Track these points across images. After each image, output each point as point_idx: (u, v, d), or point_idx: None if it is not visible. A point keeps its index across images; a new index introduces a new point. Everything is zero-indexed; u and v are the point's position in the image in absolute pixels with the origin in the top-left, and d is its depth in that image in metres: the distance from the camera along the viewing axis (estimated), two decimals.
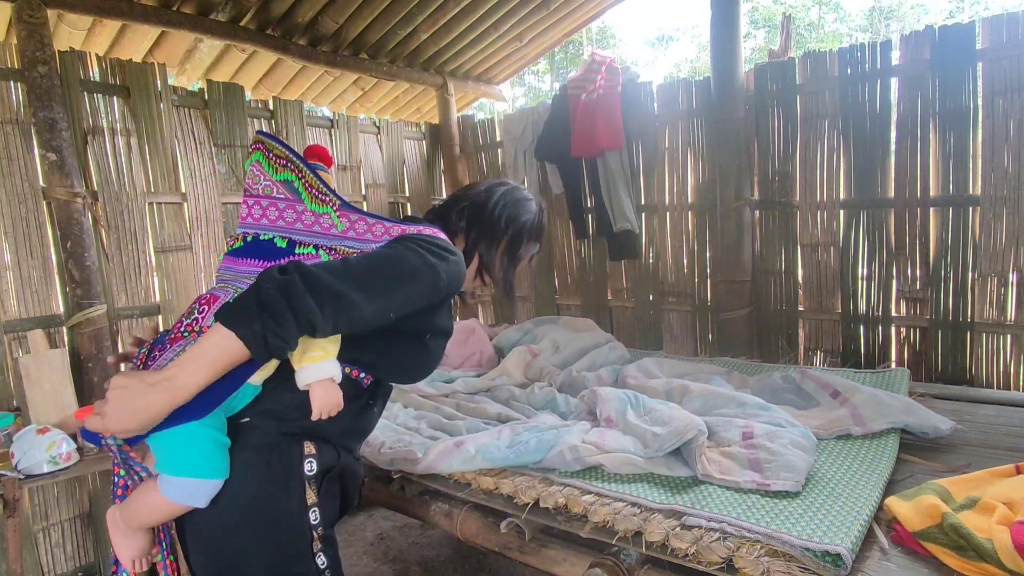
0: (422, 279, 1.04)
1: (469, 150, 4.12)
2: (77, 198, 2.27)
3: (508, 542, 1.54)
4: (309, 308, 0.90)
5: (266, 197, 1.12)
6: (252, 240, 1.11)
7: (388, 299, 1.01)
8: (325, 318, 0.92)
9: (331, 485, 1.12)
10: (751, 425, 1.63)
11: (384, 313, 1.01)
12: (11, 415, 2.07)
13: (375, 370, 1.14)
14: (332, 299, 0.93)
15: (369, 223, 1.12)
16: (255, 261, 1.10)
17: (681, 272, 3.25)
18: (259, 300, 0.89)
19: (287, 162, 1.13)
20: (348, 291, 0.95)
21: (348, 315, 0.95)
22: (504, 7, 3.29)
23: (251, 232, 1.12)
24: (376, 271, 1.01)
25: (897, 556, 1.19)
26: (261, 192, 1.12)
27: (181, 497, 1.00)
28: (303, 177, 1.12)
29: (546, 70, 15.44)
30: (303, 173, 1.13)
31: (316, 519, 1.07)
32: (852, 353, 2.77)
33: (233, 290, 1.06)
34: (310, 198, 1.12)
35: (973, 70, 2.39)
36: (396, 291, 1.02)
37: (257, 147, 1.14)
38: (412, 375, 1.23)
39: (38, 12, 2.19)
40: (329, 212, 1.11)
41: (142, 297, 2.58)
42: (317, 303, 0.91)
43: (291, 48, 3.03)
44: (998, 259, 2.39)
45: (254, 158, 1.14)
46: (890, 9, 15.95)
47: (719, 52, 2.85)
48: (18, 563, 1.91)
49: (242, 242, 1.12)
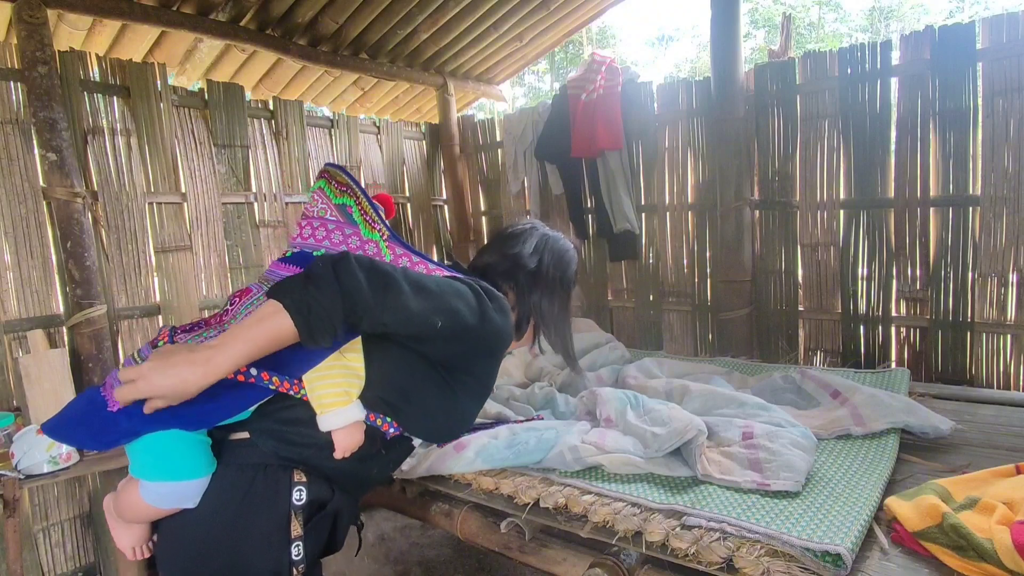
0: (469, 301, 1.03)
1: (469, 150, 4.12)
2: (77, 198, 2.26)
3: (508, 542, 1.54)
4: (357, 282, 0.89)
5: (319, 219, 1.15)
6: (298, 252, 1.15)
7: (436, 302, 0.98)
8: (372, 297, 0.90)
9: (322, 522, 1.06)
10: (751, 425, 1.63)
11: (430, 317, 0.97)
12: (11, 415, 2.07)
13: (398, 413, 1.09)
14: (380, 279, 0.92)
15: (413, 261, 1.14)
16: (297, 268, 1.11)
17: (681, 272, 3.25)
18: (308, 273, 0.90)
19: (347, 188, 1.16)
20: (398, 278, 0.94)
21: (395, 302, 0.93)
22: (504, 7, 3.29)
23: (298, 248, 1.16)
24: (428, 278, 1.01)
25: (897, 556, 1.19)
26: (316, 215, 1.16)
27: (163, 501, 0.96)
28: (360, 203, 1.15)
29: (546, 70, 15.43)
30: (360, 200, 1.15)
31: (299, 554, 1.00)
32: (852, 353, 2.77)
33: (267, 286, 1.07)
34: (364, 222, 1.15)
35: (973, 70, 2.39)
36: (444, 299, 0.99)
37: (323, 176, 1.18)
38: (435, 423, 1.15)
39: (38, 12, 2.19)
40: (377, 239, 1.14)
41: (142, 297, 2.58)
42: (366, 279, 0.90)
43: (291, 48, 3.03)
44: (998, 259, 2.39)
45: (319, 185, 1.17)
46: (890, 9, 15.95)
47: (719, 52, 2.85)
48: (18, 563, 1.91)
49: (291, 253, 1.15)
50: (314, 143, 3.33)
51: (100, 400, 0.95)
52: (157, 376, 0.86)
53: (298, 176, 3.21)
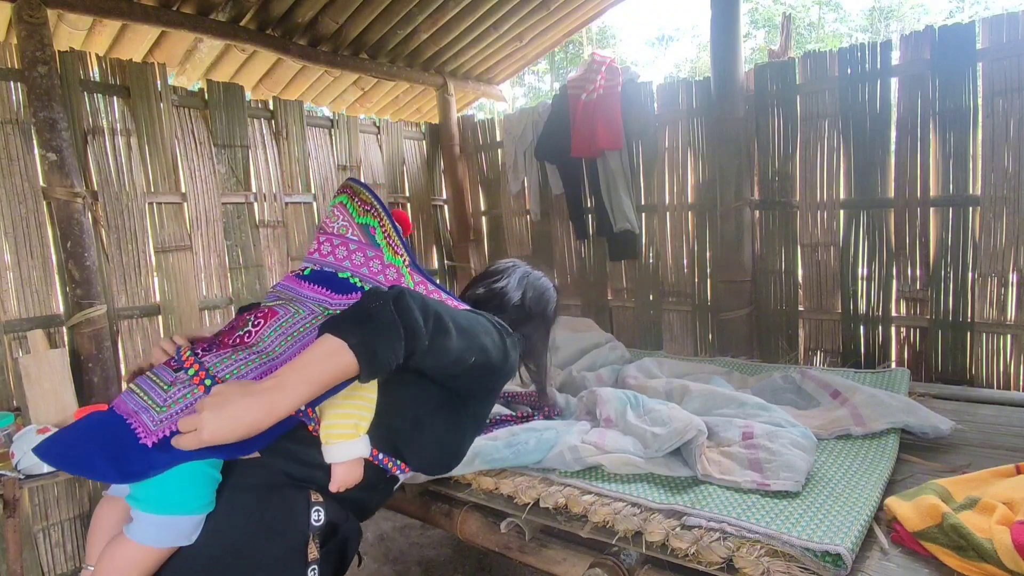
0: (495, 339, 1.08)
1: (469, 150, 4.12)
2: (77, 198, 2.26)
3: (508, 542, 1.53)
4: (415, 321, 0.91)
5: (339, 236, 1.14)
6: (318, 270, 1.14)
7: (471, 341, 1.02)
8: (427, 334, 0.92)
9: (336, 547, 1.04)
10: (751, 425, 1.63)
11: (465, 355, 1.01)
12: (11, 415, 2.07)
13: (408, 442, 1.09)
14: (434, 318, 0.94)
15: (429, 290, 1.14)
16: (319, 288, 1.10)
17: (681, 272, 3.25)
18: (368, 310, 0.90)
19: (371, 208, 1.15)
20: (446, 320, 0.97)
21: (443, 339, 0.95)
22: (504, 7, 3.29)
23: (316, 265, 1.14)
24: (463, 315, 1.04)
25: (897, 556, 1.19)
26: (336, 231, 1.14)
27: (162, 539, 0.90)
28: (383, 225, 1.14)
29: (546, 70, 15.43)
30: (384, 222, 1.15)
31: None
32: (852, 353, 2.77)
33: (294, 309, 1.06)
34: (387, 245, 1.14)
35: (973, 70, 2.39)
36: (478, 338, 1.04)
37: (345, 191, 1.17)
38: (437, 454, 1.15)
39: (38, 12, 2.19)
40: (399, 265, 1.13)
41: (142, 297, 2.58)
42: (423, 321, 0.92)
43: (291, 48, 3.03)
44: (998, 259, 2.39)
45: (339, 199, 1.16)
46: (890, 9, 15.94)
47: (719, 52, 2.85)
48: (18, 563, 1.91)
49: (309, 270, 1.14)
50: (314, 143, 3.33)
51: (126, 431, 0.89)
52: (219, 424, 0.82)
53: (298, 176, 3.21)
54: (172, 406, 0.92)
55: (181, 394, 0.94)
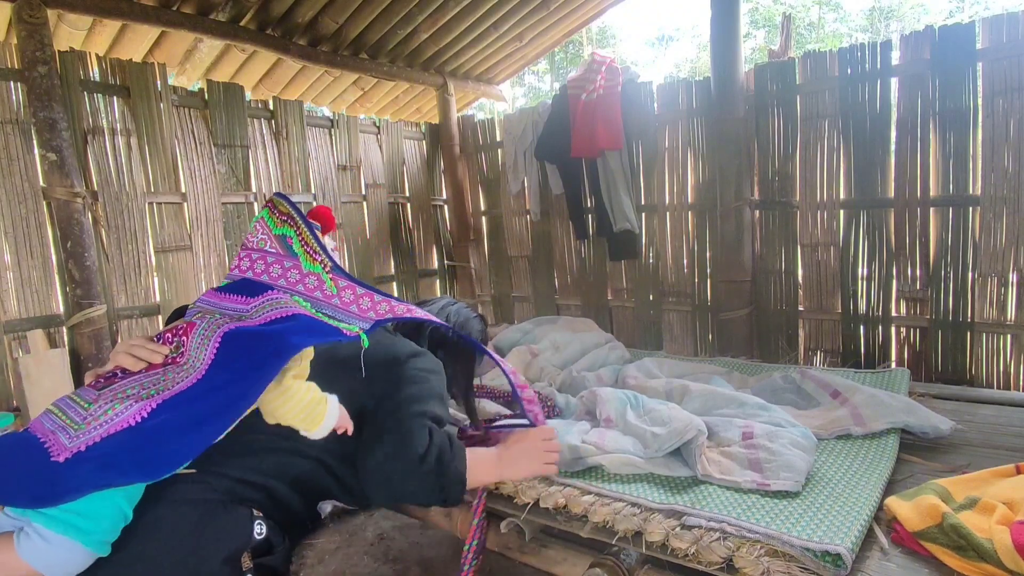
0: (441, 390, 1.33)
1: (469, 150, 4.12)
2: (77, 198, 2.27)
3: (508, 542, 1.54)
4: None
5: (257, 250, 1.14)
6: (237, 281, 1.15)
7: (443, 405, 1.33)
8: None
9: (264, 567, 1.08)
10: (751, 425, 1.63)
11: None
12: (11, 415, 2.07)
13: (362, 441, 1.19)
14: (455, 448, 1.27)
15: (358, 294, 1.13)
16: (235, 296, 1.11)
17: (681, 272, 3.25)
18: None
19: (288, 218, 1.15)
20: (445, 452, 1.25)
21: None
22: (504, 7, 3.29)
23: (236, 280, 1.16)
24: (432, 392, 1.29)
25: (897, 556, 1.19)
26: (255, 246, 1.15)
27: (52, 564, 0.85)
28: (300, 233, 1.14)
29: (546, 70, 15.44)
30: (300, 229, 1.15)
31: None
32: (852, 353, 2.77)
33: (210, 318, 1.07)
34: (304, 253, 1.14)
35: (973, 70, 2.39)
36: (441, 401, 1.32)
37: (267, 205, 1.18)
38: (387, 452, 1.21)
39: (38, 12, 2.19)
40: (319, 272, 1.13)
41: (142, 297, 2.58)
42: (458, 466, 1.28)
43: (291, 48, 3.03)
44: (998, 259, 2.39)
45: (261, 215, 1.16)
46: (890, 9, 15.95)
47: (719, 52, 2.85)
48: None
49: (225, 283, 1.15)
50: (314, 143, 3.33)
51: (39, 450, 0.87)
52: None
53: (298, 176, 3.21)
54: (91, 422, 0.91)
55: (103, 410, 0.93)
